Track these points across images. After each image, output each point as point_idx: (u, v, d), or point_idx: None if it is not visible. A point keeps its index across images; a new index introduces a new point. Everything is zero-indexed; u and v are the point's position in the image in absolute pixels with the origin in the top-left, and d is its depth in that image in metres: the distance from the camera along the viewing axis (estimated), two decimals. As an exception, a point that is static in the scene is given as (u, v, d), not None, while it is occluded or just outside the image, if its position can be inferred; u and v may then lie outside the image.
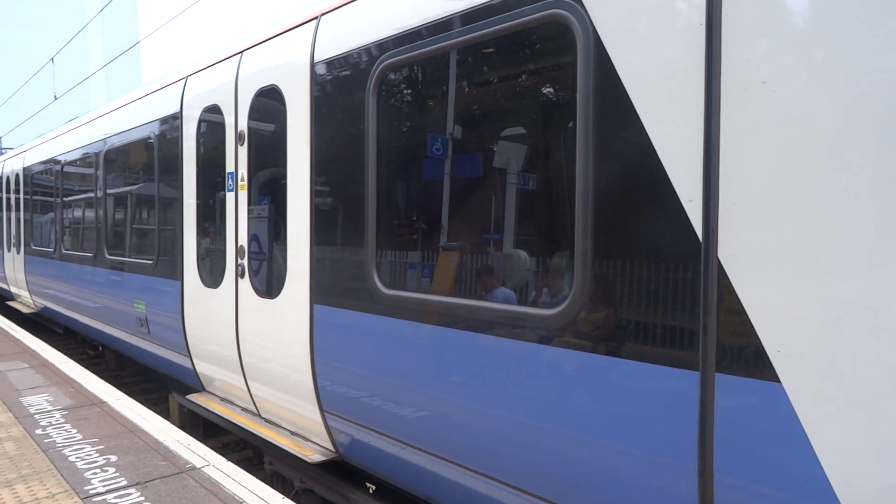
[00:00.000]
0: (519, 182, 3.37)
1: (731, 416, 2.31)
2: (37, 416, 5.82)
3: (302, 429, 4.89)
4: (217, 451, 6.01)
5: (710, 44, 2.34)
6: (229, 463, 4.61)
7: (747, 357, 2.26)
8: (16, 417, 5.80)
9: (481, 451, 3.31)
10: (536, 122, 3.38)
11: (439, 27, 3.47)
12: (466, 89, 3.57)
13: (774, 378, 2.19)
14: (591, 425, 2.77)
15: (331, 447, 4.61)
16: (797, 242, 2.14)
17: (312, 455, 4.58)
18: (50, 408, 6.11)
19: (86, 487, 4.21)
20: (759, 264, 2.23)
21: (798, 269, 2.14)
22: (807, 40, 2.14)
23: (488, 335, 3.21)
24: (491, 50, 3.34)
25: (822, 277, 2.09)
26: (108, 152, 8.22)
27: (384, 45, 3.83)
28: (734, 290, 2.29)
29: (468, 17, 3.30)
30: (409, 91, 3.89)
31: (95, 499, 4.04)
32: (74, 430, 5.41)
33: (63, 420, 5.71)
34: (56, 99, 22.73)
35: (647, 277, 2.55)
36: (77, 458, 4.76)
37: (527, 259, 3.28)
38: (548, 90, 3.28)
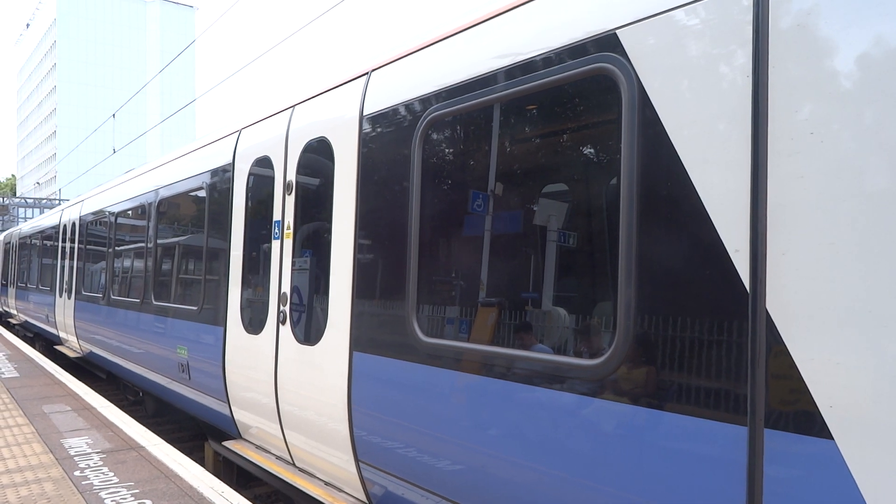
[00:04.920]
0: (559, 239, 3.38)
1: (781, 474, 2.21)
2: (76, 458, 5.88)
3: (336, 479, 4.83)
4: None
5: (756, 95, 2.35)
6: (262, 512, 4.57)
7: (798, 412, 2.17)
8: (56, 458, 5.87)
9: None
10: (581, 174, 3.40)
11: (484, 82, 3.55)
12: (510, 144, 3.63)
13: (827, 435, 2.09)
14: (635, 481, 2.67)
15: (364, 499, 4.53)
16: (849, 294, 2.08)
17: (345, 507, 4.50)
18: (89, 450, 6.17)
19: (120, 530, 4.21)
20: (809, 316, 2.17)
21: (850, 320, 2.07)
22: (854, 92, 2.13)
23: (526, 385, 3.16)
24: (535, 105, 3.40)
25: (876, 329, 2.02)
26: (160, 202, 8.52)
27: (430, 100, 3.93)
28: (783, 342, 2.22)
29: (512, 72, 3.38)
30: (453, 146, 3.96)
31: (128, 542, 4.03)
32: (111, 474, 5.44)
33: (101, 463, 5.76)
34: (115, 152, 23.84)
35: (693, 328, 2.50)
36: (113, 501, 4.77)
37: (566, 317, 3.26)
38: (592, 144, 3.31)
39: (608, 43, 2.90)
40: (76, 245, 13.10)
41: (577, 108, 3.27)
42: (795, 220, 2.23)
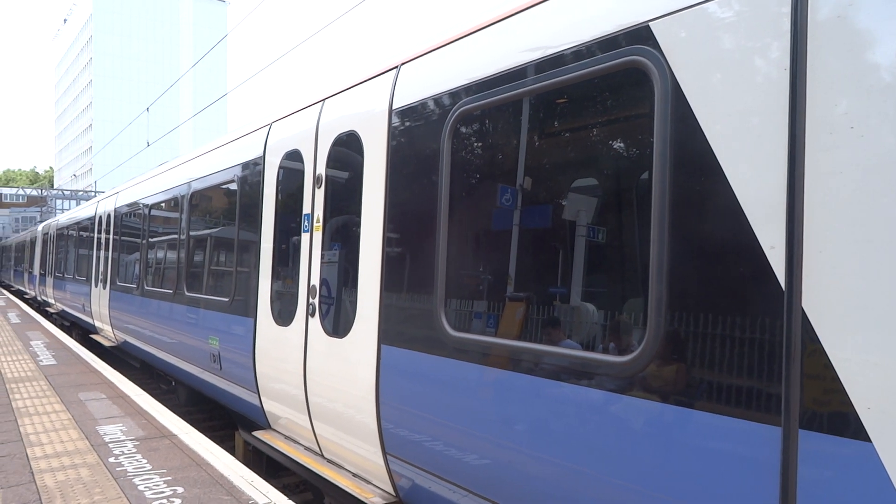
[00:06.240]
0: (589, 234, 3.34)
1: (816, 476, 2.16)
2: (111, 445, 6.01)
3: (363, 471, 4.87)
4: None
5: (794, 89, 2.29)
6: (291, 502, 4.62)
7: (834, 413, 2.13)
8: (91, 445, 6.00)
9: (548, 501, 3.20)
10: (612, 169, 3.36)
11: (514, 76, 3.53)
12: (540, 138, 3.60)
13: (864, 437, 2.05)
14: (665, 479, 2.65)
15: (391, 491, 4.56)
16: (887, 292, 2.03)
17: (372, 498, 4.54)
18: (123, 437, 6.31)
19: (152, 516, 4.29)
20: (846, 315, 2.12)
21: (888, 320, 2.02)
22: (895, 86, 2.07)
23: (554, 381, 3.14)
24: (566, 98, 3.36)
25: None
26: (192, 195, 8.64)
27: (460, 93, 3.92)
28: (819, 341, 2.18)
29: (543, 65, 3.35)
30: (483, 140, 3.95)
31: (161, 528, 4.11)
32: (145, 461, 5.55)
33: (135, 450, 5.88)
34: (148, 145, 24.25)
35: (726, 326, 2.46)
36: (146, 487, 4.87)
37: (595, 312, 3.23)
38: (624, 138, 3.27)
39: (641, 36, 2.86)
40: (111, 236, 13.36)
41: (608, 102, 3.23)
42: (833, 217, 2.18)
